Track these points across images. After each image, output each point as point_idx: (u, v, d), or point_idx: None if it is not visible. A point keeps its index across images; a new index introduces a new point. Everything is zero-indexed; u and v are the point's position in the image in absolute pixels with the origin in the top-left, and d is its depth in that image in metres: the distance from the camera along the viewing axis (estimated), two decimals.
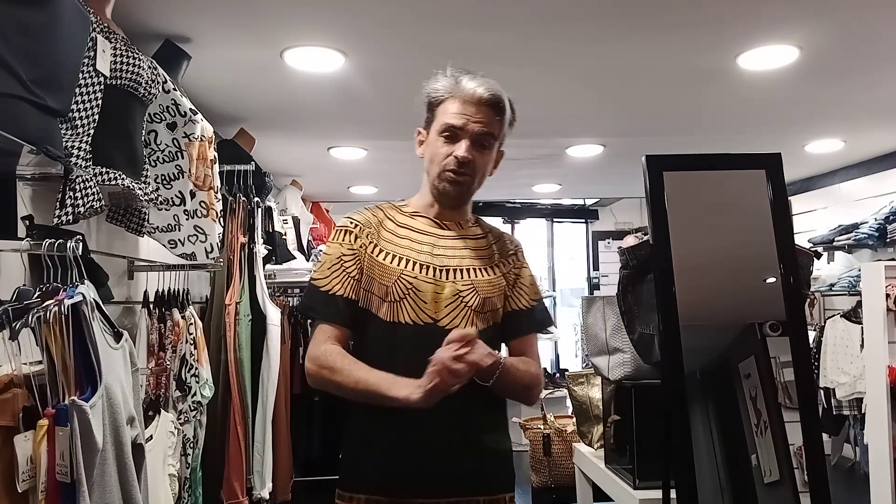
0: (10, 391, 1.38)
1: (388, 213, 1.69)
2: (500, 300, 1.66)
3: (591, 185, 6.53)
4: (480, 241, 1.70)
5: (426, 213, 1.68)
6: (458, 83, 1.62)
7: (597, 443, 3.04)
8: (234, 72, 3.05)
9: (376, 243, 1.62)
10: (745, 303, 2.03)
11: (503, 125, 1.64)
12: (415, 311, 1.57)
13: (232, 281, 3.14)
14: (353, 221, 1.65)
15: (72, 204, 1.61)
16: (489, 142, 1.62)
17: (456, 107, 1.60)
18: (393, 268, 1.59)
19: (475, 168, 1.61)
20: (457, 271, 1.62)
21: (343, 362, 1.53)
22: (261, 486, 3.17)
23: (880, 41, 2.82)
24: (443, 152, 1.60)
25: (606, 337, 2.73)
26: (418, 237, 1.64)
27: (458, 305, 1.59)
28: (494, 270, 1.67)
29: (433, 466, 1.54)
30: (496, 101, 1.60)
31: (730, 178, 2.11)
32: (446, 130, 1.60)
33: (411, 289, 1.57)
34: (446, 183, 1.62)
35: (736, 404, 1.96)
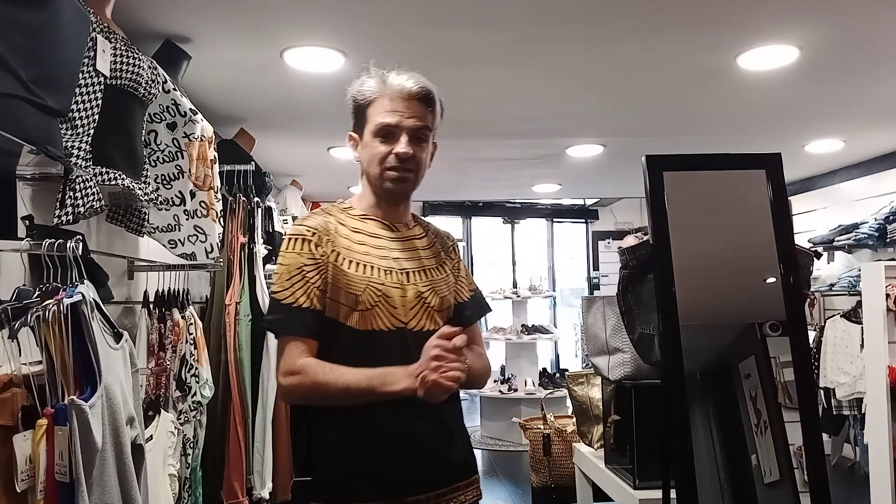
0: (9, 391, 1.38)
1: (338, 217, 1.64)
2: (452, 296, 1.70)
3: (591, 185, 6.53)
4: (425, 239, 1.72)
5: (374, 215, 1.67)
6: (385, 81, 1.62)
7: (597, 443, 3.04)
8: (234, 72, 3.05)
9: (337, 251, 1.57)
10: (745, 303, 2.03)
11: (435, 117, 1.65)
12: (387, 318, 1.57)
13: (232, 281, 3.14)
14: (308, 229, 1.58)
15: (72, 204, 1.61)
16: (425, 135, 1.63)
17: (387, 105, 1.59)
18: (360, 275, 1.56)
19: (417, 163, 1.62)
20: (416, 273, 1.63)
21: (328, 372, 1.50)
22: (261, 486, 3.17)
23: (880, 41, 2.82)
24: (381, 151, 1.60)
25: (606, 337, 2.73)
26: (373, 241, 1.64)
27: (422, 307, 1.61)
28: (444, 268, 1.71)
29: (419, 462, 1.56)
30: (426, 94, 1.61)
31: (730, 178, 2.11)
32: (382, 130, 1.59)
33: (381, 295, 1.56)
34: (389, 182, 1.61)
35: (736, 404, 1.96)
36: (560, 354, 8.32)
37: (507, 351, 6.99)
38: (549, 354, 8.23)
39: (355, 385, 1.47)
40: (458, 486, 1.62)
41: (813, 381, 2.12)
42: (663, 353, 1.95)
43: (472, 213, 8.06)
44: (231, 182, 3.26)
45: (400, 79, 1.61)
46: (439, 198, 7.53)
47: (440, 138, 1.74)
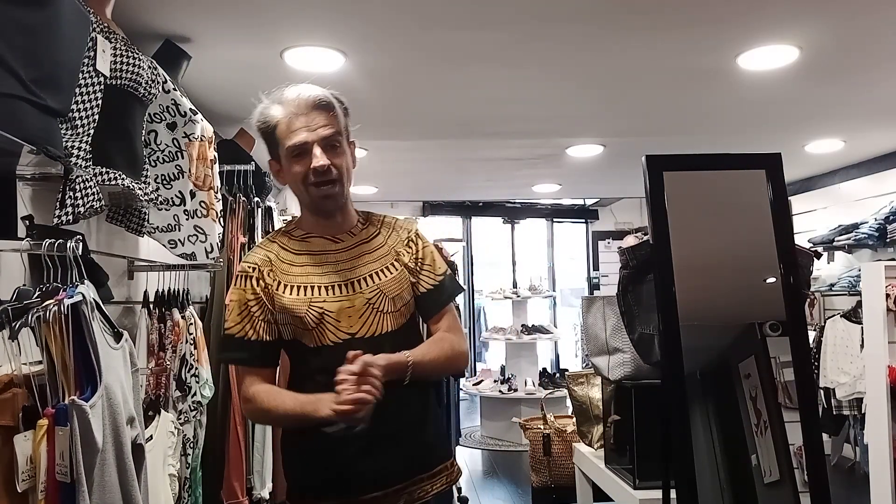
0: (9, 391, 1.38)
1: (281, 243, 1.71)
2: (409, 291, 1.71)
3: (591, 185, 6.53)
4: (375, 240, 1.73)
5: (315, 231, 1.70)
6: (281, 101, 1.62)
7: (597, 443, 3.04)
8: (234, 72, 3.05)
9: (279, 280, 1.64)
10: (745, 303, 2.03)
11: (339, 119, 1.64)
12: (333, 332, 1.61)
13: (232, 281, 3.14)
14: (250, 265, 1.67)
15: (72, 204, 1.61)
16: (338, 140, 1.63)
17: (290, 124, 1.60)
18: (301, 298, 1.62)
19: (339, 171, 1.63)
20: (362, 280, 1.65)
21: (272, 400, 1.61)
22: (261, 486, 3.17)
23: (880, 41, 2.82)
24: (300, 171, 1.61)
25: (606, 337, 2.73)
26: (316, 258, 1.67)
27: (372, 313, 1.64)
28: (396, 266, 1.70)
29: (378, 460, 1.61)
30: (322, 101, 1.61)
31: (730, 178, 2.11)
32: (295, 150, 1.60)
33: (323, 313, 1.61)
34: (320, 198, 1.63)
35: (736, 404, 1.96)
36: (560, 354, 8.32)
37: (507, 351, 7.00)
38: (549, 354, 8.23)
39: (292, 411, 1.57)
40: (421, 477, 1.66)
41: (813, 381, 2.12)
42: (663, 353, 1.95)
43: (472, 213, 8.06)
44: (231, 182, 3.26)
45: (293, 93, 1.61)
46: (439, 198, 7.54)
47: (440, 138, 1.75)
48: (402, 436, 1.64)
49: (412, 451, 1.66)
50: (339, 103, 1.65)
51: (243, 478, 3.05)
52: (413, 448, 1.66)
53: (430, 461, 1.70)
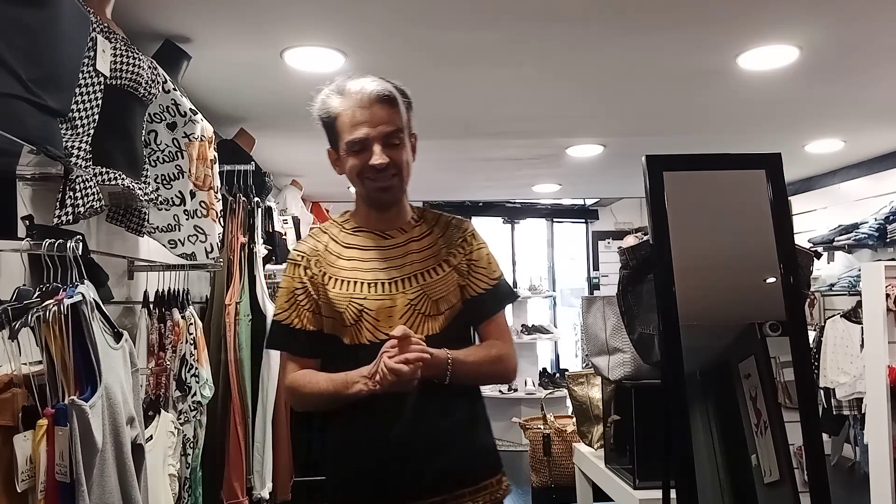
0: (9, 391, 1.38)
1: (331, 234, 1.70)
2: (456, 294, 1.65)
3: (591, 185, 6.53)
4: (426, 239, 1.69)
5: (367, 226, 1.69)
6: (343, 93, 1.60)
7: (597, 443, 3.04)
8: (234, 72, 3.05)
9: (325, 271, 1.64)
10: (745, 303, 2.03)
11: (401, 114, 1.61)
12: (371, 332, 1.58)
13: (232, 281, 3.14)
14: (300, 254, 1.68)
15: (72, 204, 1.61)
16: (398, 137, 1.60)
17: (351, 117, 1.58)
18: (343, 293, 1.61)
19: (397, 167, 1.60)
20: (406, 280, 1.62)
21: (306, 381, 1.61)
22: (261, 486, 3.17)
23: (880, 41, 2.82)
24: (357, 165, 1.60)
25: (606, 337, 2.73)
26: (363, 254, 1.65)
27: (413, 315, 1.60)
28: (444, 266, 1.65)
29: (415, 469, 1.55)
30: (385, 95, 1.58)
31: (730, 178, 2.11)
32: (352, 144, 1.59)
33: (363, 310, 1.59)
34: (376, 192, 1.62)
35: (736, 404, 1.96)
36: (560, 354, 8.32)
37: None
38: (549, 354, 8.22)
39: (325, 390, 1.56)
40: (463, 492, 1.58)
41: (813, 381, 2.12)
42: (663, 353, 1.95)
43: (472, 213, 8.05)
44: (231, 182, 3.26)
45: (358, 86, 1.59)
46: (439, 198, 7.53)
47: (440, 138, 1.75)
48: (444, 444, 1.57)
49: (455, 461, 1.58)
50: (402, 97, 1.62)
51: (243, 478, 3.05)
52: (456, 458, 1.58)
53: (475, 474, 1.61)
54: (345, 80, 1.62)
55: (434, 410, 1.55)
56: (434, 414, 1.55)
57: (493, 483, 1.64)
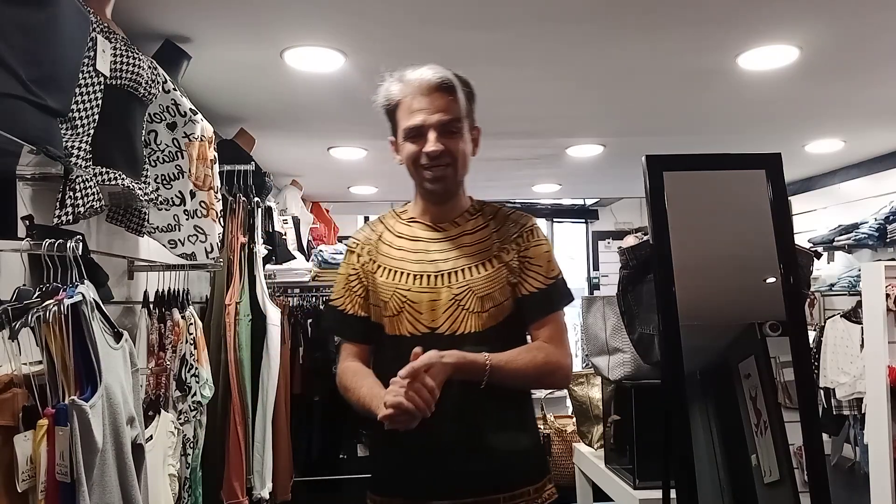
0: (9, 391, 1.38)
1: (387, 224, 1.73)
2: (504, 292, 1.61)
3: (591, 185, 6.53)
4: (480, 233, 1.66)
5: (421, 217, 1.69)
6: (403, 81, 1.62)
7: (597, 443, 3.04)
8: (234, 72, 3.05)
9: (375, 260, 1.67)
10: (745, 303, 2.03)
11: (461, 104, 1.61)
12: (412, 323, 1.58)
13: (232, 281, 3.14)
14: (355, 241, 1.73)
15: (72, 204, 1.61)
16: (455, 126, 1.60)
17: (410, 105, 1.59)
18: (388, 283, 1.62)
19: (452, 156, 1.59)
20: (452, 274, 1.60)
21: (351, 381, 1.61)
22: (261, 486, 3.17)
23: (880, 41, 2.82)
24: (413, 152, 1.60)
25: (606, 337, 2.73)
26: (413, 245, 1.66)
27: (456, 310, 1.58)
28: (493, 262, 1.61)
29: (447, 468, 1.54)
30: (445, 83, 1.59)
31: (730, 178, 2.11)
32: (410, 132, 1.60)
33: (406, 301, 1.59)
34: (429, 182, 1.62)
35: (736, 404, 1.96)
36: None
37: None
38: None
39: (361, 401, 1.56)
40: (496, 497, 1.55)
41: (813, 381, 2.12)
42: (663, 353, 1.95)
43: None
44: (231, 182, 3.26)
45: (417, 74, 1.60)
46: None
47: None
48: (480, 446, 1.55)
49: (491, 464, 1.55)
50: (463, 86, 1.62)
51: (243, 478, 3.05)
52: (492, 462, 1.55)
53: (512, 480, 1.57)
54: (405, 69, 1.63)
55: (475, 411, 1.53)
56: (474, 415, 1.54)
57: (531, 492, 1.59)
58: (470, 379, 1.48)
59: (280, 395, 3.44)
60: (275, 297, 3.93)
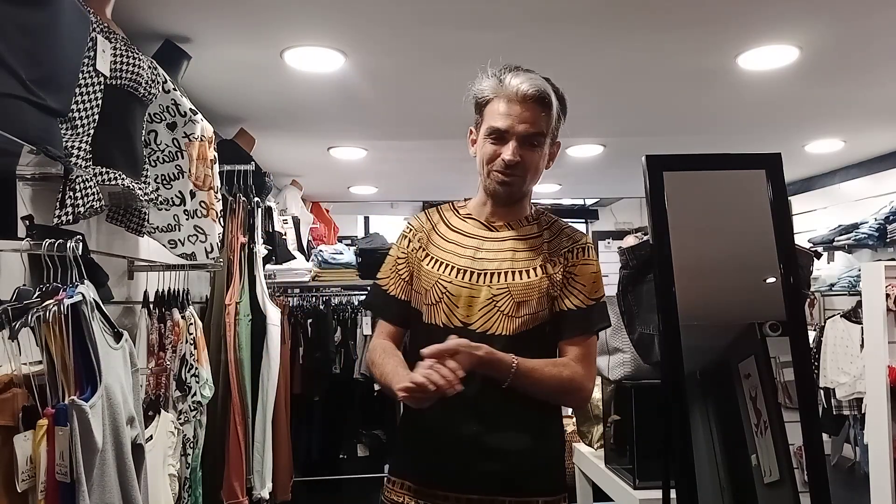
0: (9, 391, 1.38)
1: (444, 215, 1.75)
2: (542, 302, 1.60)
3: (591, 185, 6.53)
4: (532, 240, 1.66)
5: (478, 214, 1.71)
6: (501, 82, 1.63)
7: (597, 443, 3.04)
8: (234, 72, 3.05)
9: (425, 248, 1.70)
10: (745, 303, 2.03)
11: (550, 120, 1.63)
12: (447, 315, 1.60)
13: (232, 281, 3.14)
14: (409, 227, 1.76)
15: (72, 204, 1.61)
16: (538, 140, 1.62)
17: (501, 107, 1.60)
18: (433, 272, 1.65)
19: (525, 168, 1.61)
20: (494, 275, 1.61)
21: (378, 357, 1.64)
22: (261, 486, 3.18)
23: (880, 41, 2.82)
24: (489, 153, 1.62)
25: (606, 337, 2.72)
26: (465, 241, 1.68)
27: (492, 309, 1.59)
28: (537, 271, 1.62)
29: (460, 461, 1.56)
30: (541, 96, 1.60)
31: (730, 178, 2.11)
32: (492, 133, 1.61)
33: (445, 293, 1.61)
34: (496, 184, 1.63)
35: (736, 404, 1.96)
36: None
37: None
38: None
39: (384, 377, 1.58)
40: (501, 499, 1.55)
41: (813, 381, 2.12)
42: (663, 353, 1.95)
43: None
44: (231, 182, 3.26)
45: (516, 80, 1.61)
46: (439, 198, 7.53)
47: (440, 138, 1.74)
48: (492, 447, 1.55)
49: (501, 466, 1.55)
50: (558, 103, 1.65)
51: (243, 478, 3.06)
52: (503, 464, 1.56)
53: (521, 486, 1.57)
54: (509, 69, 1.66)
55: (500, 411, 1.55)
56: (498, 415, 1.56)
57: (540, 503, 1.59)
58: (494, 376, 1.49)
59: (280, 395, 3.44)
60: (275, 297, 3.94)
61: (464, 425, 1.55)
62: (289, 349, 3.97)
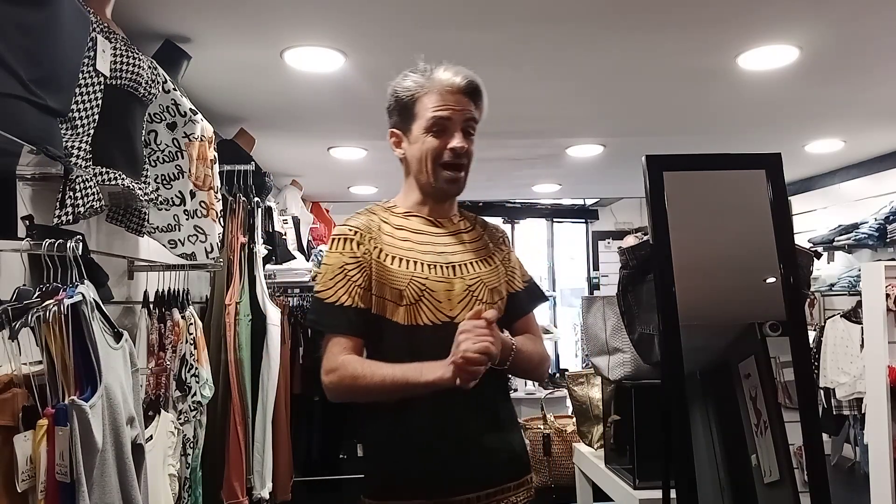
0: (9, 391, 1.38)
1: (381, 215, 1.66)
2: (504, 288, 1.68)
3: (591, 185, 6.53)
4: (472, 233, 1.71)
5: (418, 212, 1.67)
6: (431, 76, 1.61)
7: (597, 443, 3.04)
8: (234, 72, 3.05)
9: (381, 248, 1.59)
10: (745, 303, 2.03)
11: (482, 111, 1.65)
12: (432, 312, 1.56)
13: (232, 281, 3.14)
14: (351, 228, 1.61)
15: (72, 204, 1.61)
16: (474, 128, 1.63)
17: (437, 99, 1.58)
18: (403, 271, 1.57)
19: (469, 157, 1.62)
20: (462, 266, 1.62)
21: (364, 367, 1.52)
22: (261, 486, 3.17)
23: (880, 41, 2.82)
24: (435, 146, 1.59)
25: (606, 337, 2.73)
26: (417, 237, 1.63)
27: (470, 301, 1.59)
28: (493, 260, 1.68)
29: (469, 461, 1.54)
30: (474, 87, 1.61)
31: (730, 178, 2.11)
32: (435, 125, 1.58)
33: (425, 290, 1.56)
34: (444, 181, 1.61)
35: (736, 404, 1.96)
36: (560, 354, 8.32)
37: None
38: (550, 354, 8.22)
39: (391, 378, 1.47)
40: (508, 486, 1.59)
41: (813, 381, 2.12)
42: (663, 353, 1.95)
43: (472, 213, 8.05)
44: (231, 182, 3.26)
45: (448, 73, 1.61)
46: None
47: None
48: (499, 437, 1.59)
49: (506, 455, 1.60)
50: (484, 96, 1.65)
51: (243, 478, 3.05)
52: (507, 452, 1.61)
53: (518, 469, 1.63)
54: (432, 66, 1.63)
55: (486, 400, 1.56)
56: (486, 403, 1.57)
57: (528, 480, 1.66)
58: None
59: (280, 395, 3.44)
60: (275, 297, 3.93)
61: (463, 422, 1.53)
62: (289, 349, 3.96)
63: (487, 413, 1.57)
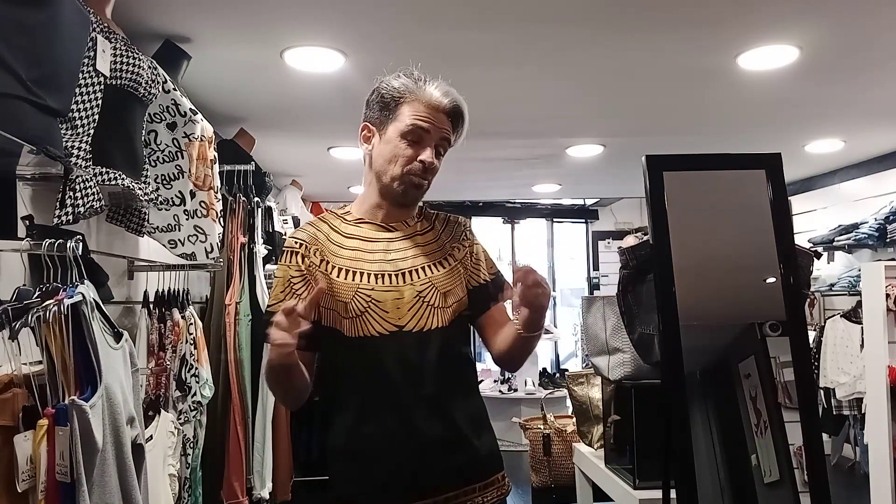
0: (9, 391, 1.38)
1: (331, 224, 1.66)
2: (463, 289, 1.66)
3: (591, 185, 6.53)
4: (429, 234, 1.68)
5: (372, 217, 1.66)
6: (420, 87, 1.60)
7: (597, 443, 3.04)
8: (234, 72, 3.05)
9: (327, 259, 1.59)
10: (745, 303, 2.03)
11: (459, 137, 1.65)
12: (379, 322, 1.55)
13: (232, 281, 3.14)
14: (297, 241, 1.61)
15: (72, 204, 1.61)
16: (445, 149, 1.63)
17: (420, 109, 1.57)
18: (348, 283, 1.56)
19: (433, 174, 1.62)
20: (412, 272, 1.60)
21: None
22: (261, 486, 3.17)
23: (880, 41, 2.82)
24: (407, 154, 1.58)
25: (606, 337, 2.73)
26: (367, 245, 1.62)
27: (421, 306, 1.57)
28: (449, 260, 1.66)
29: (423, 465, 1.53)
30: (458, 112, 1.60)
31: (730, 178, 2.11)
32: (412, 133, 1.57)
33: (370, 301, 1.55)
34: (406, 186, 1.60)
35: (736, 404, 1.96)
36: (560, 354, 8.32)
37: None
38: (549, 354, 8.22)
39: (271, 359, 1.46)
40: (473, 486, 1.57)
41: (813, 381, 2.12)
42: (663, 353, 1.95)
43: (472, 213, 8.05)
44: (231, 182, 3.26)
45: (438, 91, 1.59)
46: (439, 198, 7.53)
47: None
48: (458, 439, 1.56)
49: (468, 456, 1.57)
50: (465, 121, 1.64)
51: (243, 478, 3.05)
52: (469, 453, 1.58)
53: (484, 470, 1.61)
54: (426, 76, 1.62)
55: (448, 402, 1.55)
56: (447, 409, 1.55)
57: (499, 478, 1.64)
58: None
59: None
60: None
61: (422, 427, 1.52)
62: None
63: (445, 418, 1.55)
